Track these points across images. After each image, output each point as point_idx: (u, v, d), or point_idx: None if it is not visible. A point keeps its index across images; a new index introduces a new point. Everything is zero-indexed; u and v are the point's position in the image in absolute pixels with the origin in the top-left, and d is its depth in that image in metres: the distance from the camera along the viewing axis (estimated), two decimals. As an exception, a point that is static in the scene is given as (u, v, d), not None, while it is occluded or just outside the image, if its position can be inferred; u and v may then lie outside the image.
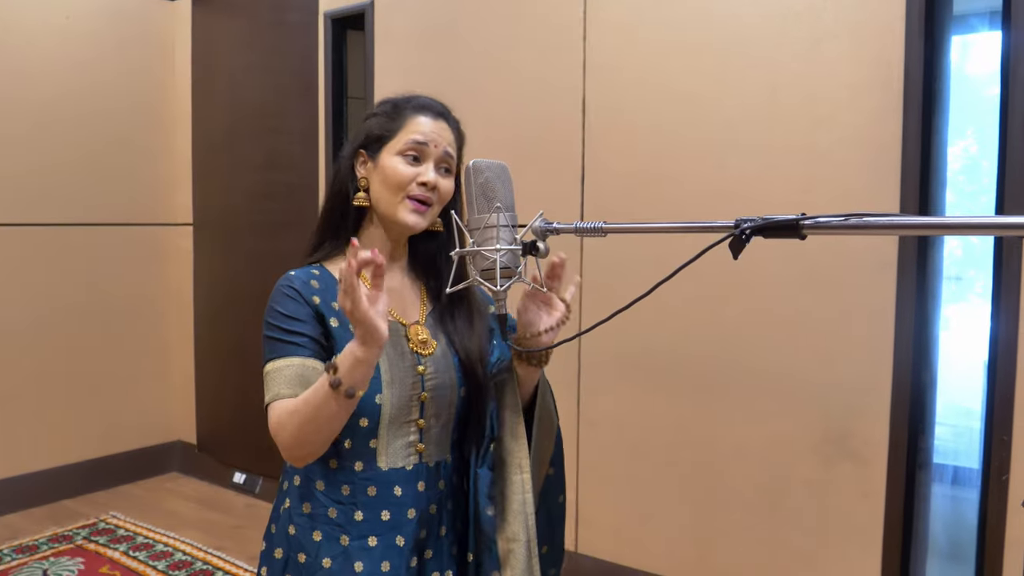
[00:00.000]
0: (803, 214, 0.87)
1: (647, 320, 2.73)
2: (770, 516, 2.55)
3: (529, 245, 1.11)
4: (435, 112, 1.34)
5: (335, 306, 1.29)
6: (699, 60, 2.60)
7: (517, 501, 1.32)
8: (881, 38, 2.29)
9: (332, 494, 1.29)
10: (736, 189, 2.55)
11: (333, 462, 1.29)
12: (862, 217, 0.84)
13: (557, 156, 2.91)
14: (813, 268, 2.44)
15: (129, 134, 4.12)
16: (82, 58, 3.90)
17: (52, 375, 3.84)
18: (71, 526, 3.53)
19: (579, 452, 2.93)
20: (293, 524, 1.31)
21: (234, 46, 4.03)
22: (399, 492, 1.29)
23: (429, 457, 1.33)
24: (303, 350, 1.24)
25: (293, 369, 1.23)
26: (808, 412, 2.47)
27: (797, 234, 0.87)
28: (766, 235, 0.89)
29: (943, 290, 3.37)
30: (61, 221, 3.87)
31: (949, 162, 2.60)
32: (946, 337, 3.63)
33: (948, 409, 3.39)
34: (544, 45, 2.94)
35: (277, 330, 1.26)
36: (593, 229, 1.06)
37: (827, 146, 2.39)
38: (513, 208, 1.16)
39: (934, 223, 0.81)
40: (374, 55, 3.43)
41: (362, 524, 1.27)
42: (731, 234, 0.89)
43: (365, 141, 1.34)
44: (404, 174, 1.29)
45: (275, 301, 1.28)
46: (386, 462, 1.29)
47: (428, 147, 1.30)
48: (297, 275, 1.31)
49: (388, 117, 1.33)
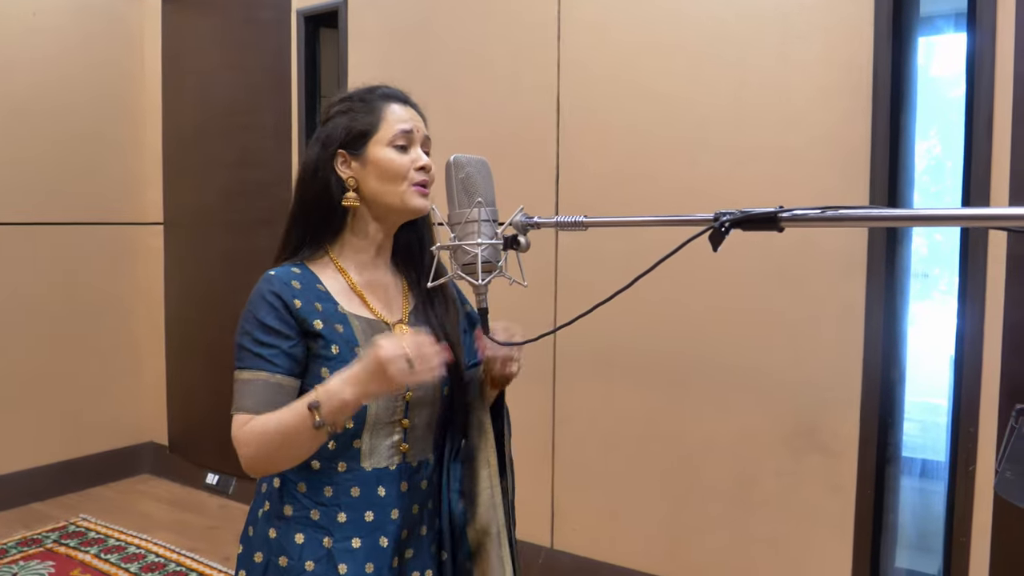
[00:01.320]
0: (781, 207, 0.89)
1: (621, 316, 2.75)
2: (742, 509, 2.58)
3: (510, 239, 1.12)
4: (402, 99, 1.36)
5: (318, 307, 1.28)
6: (672, 60, 2.63)
7: (486, 495, 1.34)
8: (850, 40, 2.34)
9: (314, 496, 1.28)
10: (709, 188, 2.58)
11: (315, 463, 1.28)
12: (837, 209, 0.86)
13: (532, 154, 2.93)
14: (784, 265, 2.48)
15: (98, 131, 4.06)
16: (49, 54, 3.84)
17: (21, 376, 3.78)
18: (41, 529, 3.48)
19: (554, 448, 2.95)
20: (273, 527, 1.30)
21: (205, 43, 4.00)
22: (383, 492, 1.29)
23: (412, 457, 1.33)
24: (273, 366, 1.23)
25: (260, 384, 1.22)
26: (779, 407, 2.51)
27: (775, 226, 0.89)
28: (745, 228, 0.91)
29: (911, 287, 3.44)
30: (29, 220, 3.81)
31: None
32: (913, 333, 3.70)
33: (915, 405, 3.46)
34: (519, 43, 2.96)
35: (250, 339, 1.24)
36: (574, 223, 1.07)
37: (798, 146, 2.43)
38: (494, 203, 1.18)
39: (907, 215, 0.84)
40: (348, 53, 3.42)
41: (345, 525, 1.27)
42: (710, 227, 0.91)
43: (345, 140, 1.32)
44: (402, 163, 1.30)
45: (254, 306, 1.26)
46: (370, 463, 1.29)
47: (413, 133, 1.32)
48: (278, 275, 1.29)
49: (361, 111, 1.32)
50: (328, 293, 1.30)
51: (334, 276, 1.33)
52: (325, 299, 1.29)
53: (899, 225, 0.84)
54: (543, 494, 2.99)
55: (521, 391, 3.00)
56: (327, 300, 1.29)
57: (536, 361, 2.95)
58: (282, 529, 1.29)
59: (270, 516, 1.31)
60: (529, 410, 2.99)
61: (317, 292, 1.29)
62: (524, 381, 2.95)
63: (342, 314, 1.29)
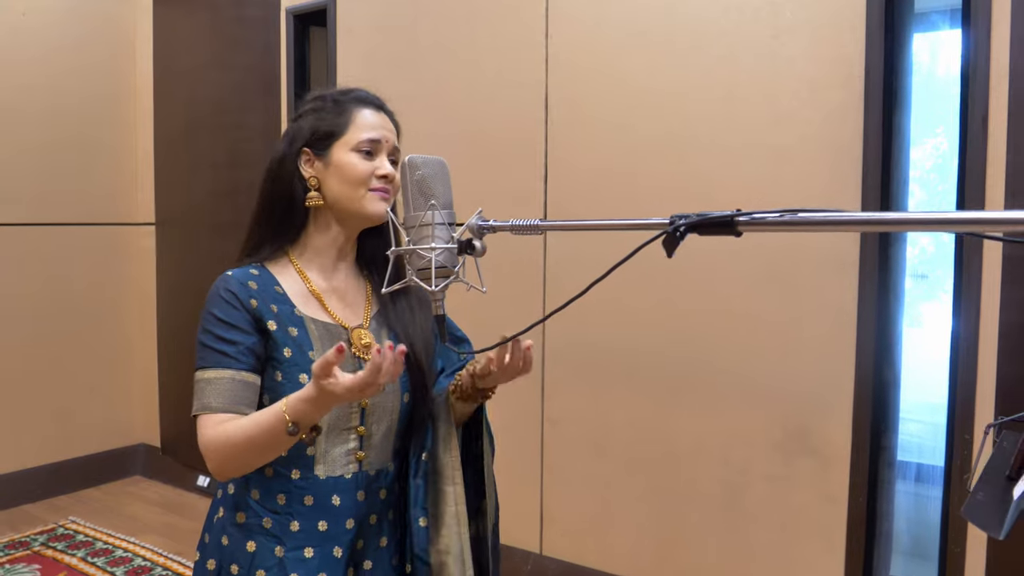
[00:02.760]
0: (738, 210, 0.84)
1: (609, 318, 2.71)
2: (731, 514, 2.53)
3: (464, 244, 1.07)
4: (376, 105, 1.33)
5: (274, 308, 1.24)
6: (661, 55, 2.58)
7: (449, 514, 1.30)
8: (841, 35, 2.28)
9: (267, 503, 1.25)
10: (697, 186, 2.53)
11: (269, 470, 1.25)
12: (796, 213, 0.81)
13: (520, 152, 2.88)
14: (774, 265, 2.42)
15: (89, 132, 4.03)
16: (39, 55, 3.81)
17: (11, 377, 3.75)
18: (29, 531, 3.45)
19: (543, 451, 2.90)
20: (226, 534, 1.27)
21: (195, 41, 3.96)
22: (337, 502, 1.25)
23: (370, 465, 1.29)
24: (236, 362, 1.20)
25: (225, 382, 1.19)
26: (770, 411, 2.46)
27: (732, 231, 0.84)
28: (701, 232, 0.86)
29: (911, 288, 3.37)
30: (20, 221, 3.78)
31: (921, 160, 2.59)
32: (917, 334, 3.63)
33: (920, 406, 3.39)
34: (507, 40, 2.91)
35: (211, 336, 1.21)
36: (529, 227, 1.02)
37: (787, 143, 2.38)
38: (451, 205, 1.13)
39: (870, 219, 0.79)
40: (336, 51, 3.38)
41: (298, 534, 1.23)
42: (664, 232, 0.85)
43: (311, 139, 1.30)
44: (364, 169, 1.27)
45: (212, 304, 1.24)
46: (324, 470, 1.25)
47: (380, 143, 1.29)
48: (235, 275, 1.27)
49: (332, 112, 1.30)
50: (285, 295, 1.27)
51: (293, 278, 1.30)
52: (282, 301, 1.26)
53: (862, 230, 0.79)
54: (532, 498, 2.94)
55: (510, 393, 2.96)
56: (284, 303, 1.26)
57: (525, 363, 2.90)
58: (234, 536, 1.26)
59: (224, 523, 1.28)
60: (517, 412, 2.95)
61: (274, 294, 1.26)
62: (512, 383, 2.92)
63: (298, 317, 1.26)
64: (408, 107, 3.13)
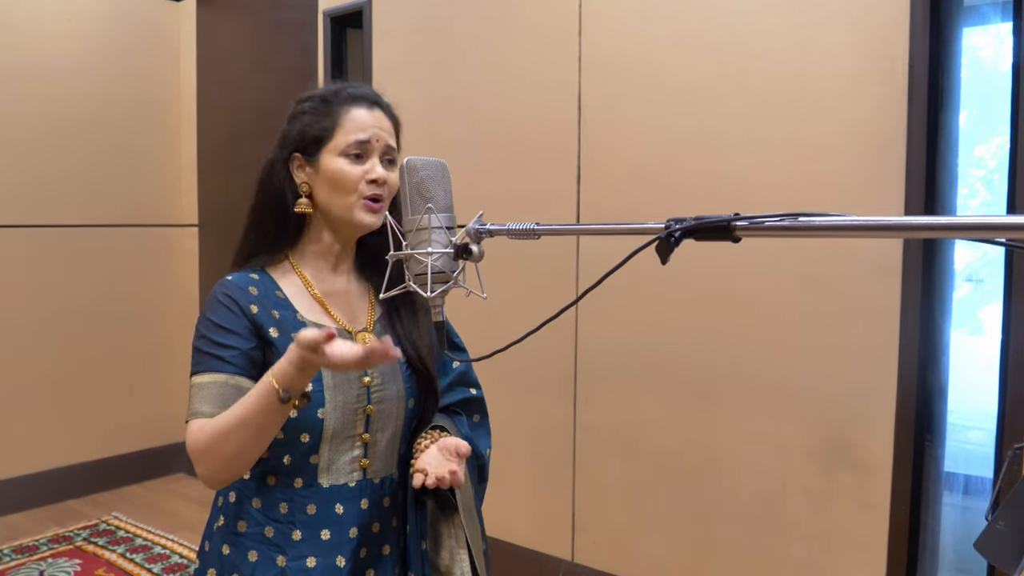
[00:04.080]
0: (736, 214, 0.79)
1: (642, 322, 2.65)
2: (768, 526, 2.45)
3: (461, 248, 1.03)
4: (369, 101, 1.27)
5: (275, 315, 1.22)
6: (696, 52, 2.51)
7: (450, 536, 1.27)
8: (883, 28, 2.19)
9: (269, 512, 1.22)
10: (732, 185, 2.45)
11: (271, 479, 1.23)
12: (796, 217, 0.75)
13: (553, 153, 2.84)
14: (813, 269, 2.34)
15: (135, 136, 4.11)
16: (88, 62, 3.90)
17: (58, 375, 3.85)
18: (72, 527, 3.53)
19: (575, 457, 2.86)
20: (227, 543, 1.24)
21: (236, 46, 4.01)
22: (340, 510, 1.22)
23: (374, 473, 1.26)
24: (230, 366, 1.17)
25: (216, 387, 1.16)
26: (808, 420, 2.37)
27: (730, 236, 0.79)
28: (697, 237, 0.81)
29: (968, 293, 3.23)
30: (68, 223, 3.88)
31: (985, 160, 2.48)
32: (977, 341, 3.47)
33: (981, 415, 3.24)
34: (540, 39, 2.87)
35: (207, 341, 1.19)
36: (525, 231, 0.98)
37: (826, 141, 2.29)
38: (451, 209, 1.09)
39: (883, 224, 0.73)
40: (372, 53, 3.38)
41: (300, 544, 1.21)
42: (657, 237, 0.81)
43: (300, 143, 1.26)
44: (352, 176, 1.22)
45: (209, 309, 1.21)
46: (327, 479, 1.22)
47: (370, 143, 1.24)
48: (235, 280, 1.24)
49: (321, 114, 1.26)
50: (287, 300, 1.25)
51: (294, 283, 1.28)
52: (284, 307, 1.24)
53: (866, 235, 0.73)
54: (564, 505, 2.89)
55: (542, 398, 2.92)
56: (286, 308, 1.24)
57: (557, 368, 2.86)
58: (236, 546, 1.24)
59: (224, 532, 1.26)
60: (550, 417, 2.90)
61: (275, 299, 1.24)
62: (545, 389, 2.88)
63: (301, 322, 1.23)
64: (443, 109, 3.14)
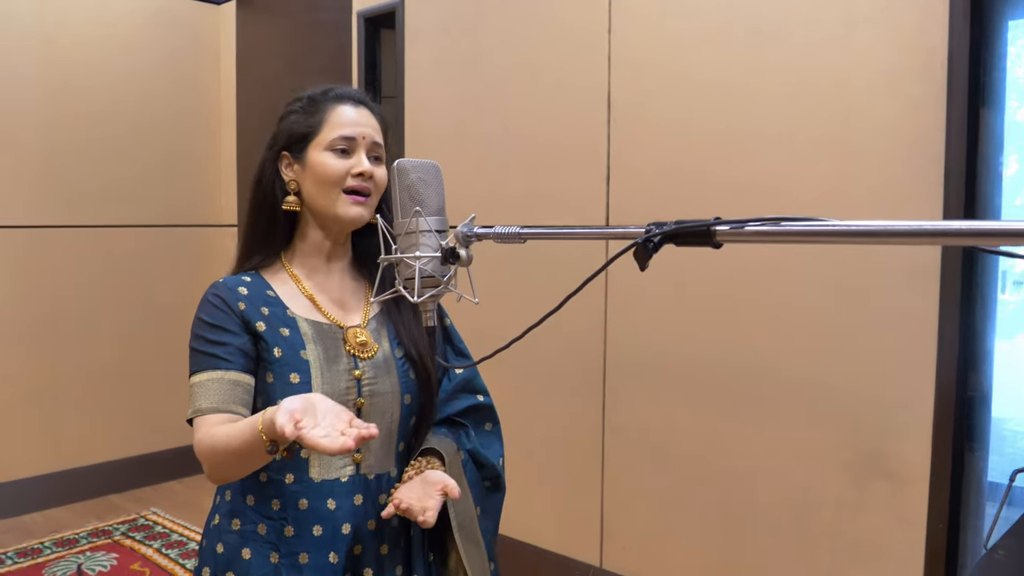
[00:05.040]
0: (717, 218, 0.75)
1: (672, 325, 2.59)
2: (799, 537, 2.37)
3: (448, 252, 1.01)
4: (355, 100, 1.28)
5: (264, 311, 1.23)
6: (727, 49, 2.45)
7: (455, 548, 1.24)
8: (921, 22, 2.10)
9: (262, 509, 1.23)
10: (764, 185, 2.39)
11: (263, 475, 1.23)
12: (778, 222, 0.71)
13: (582, 153, 2.80)
14: (848, 272, 2.26)
15: (177, 138, 4.19)
16: (132, 65, 3.99)
17: (101, 373, 3.93)
18: (112, 521, 3.60)
19: (604, 460, 2.81)
20: (221, 542, 1.25)
21: (274, 47, 4.05)
22: (332, 506, 1.22)
23: (369, 469, 1.25)
24: (226, 363, 1.18)
25: (213, 384, 1.17)
26: (841, 428, 2.29)
27: (710, 242, 0.75)
28: (677, 243, 0.78)
29: (1014, 297, 3.11)
30: (112, 223, 3.96)
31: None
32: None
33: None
34: (569, 37, 2.83)
35: (202, 341, 1.21)
36: (512, 235, 0.96)
37: (860, 140, 2.21)
38: (443, 212, 1.07)
39: (863, 229, 0.68)
40: (404, 53, 3.38)
41: (292, 540, 1.21)
42: (634, 243, 0.77)
43: (287, 142, 1.28)
44: (337, 169, 1.23)
45: (201, 311, 1.23)
46: (319, 473, 1.22)
47: (356, 140, 1.24)
48: (225, 282, 1.27)
49: (307, 113, 1.27)
50: (277, 298, 1.26)
51: (285, 282, 1.29)
52: (273, 304, 1.25)
53: (852, 242, 0.68)
54: (592, 509, 2.85)
55: (570, 400, 2.89)
56: (275, 305, 1.25)
57: (585, 370, 2.82)
58: (230, 544, 1.24)
59: (219, 530, 1.27)
60: (578, 420, 2.86)
61: (265, 298, 1.25)
62: (573, 390, 2.84)
63: (290, 318, 1.24)
64: (473, 108, 3.13)
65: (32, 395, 3.74)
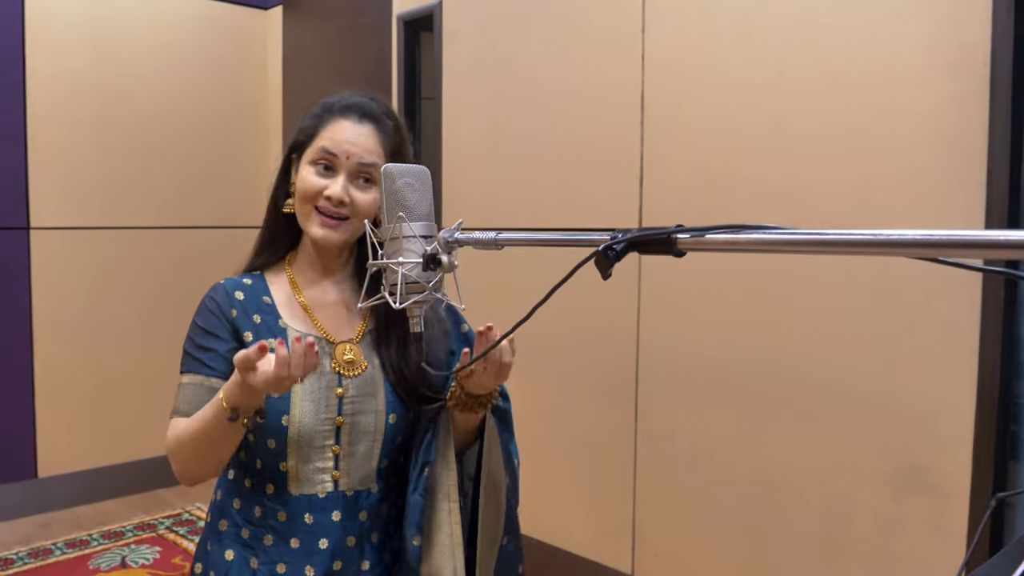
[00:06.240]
0: (679, 225, 0.72)
1: (709, 330, 2.54)
2: (833, 549, 2.30)
3: (429, 258, 1.00)
4: (360, 114, 1.25)
5: (256, 319, 1.24)
6: (762, 48, 2.39)
7: (444, 532, 1.23)
8: (961, 15, 2.01)
9: (246, 514, 1.25)
10: (799, 186, 2.32)
11: (248, 482, 1.25)
12: (740, 231, 0.68)
13: (615, 154, 2.76)
14: (886, 279, 2.18)
15: (225, 142, 4.29)
16: (182, 70, 4.10)
17: (152, 370, 4.04)
18: (157, 515, 3.70)
19: (636, 465, 2.77)
20: (210, 541, 1.28)
21: (318, 52, 4.11)
22: (310, 520, 1.22)
23: (347, 486, 1.24)
24: (208, 369, 1.21)
25: (192, 388, 1.21)
26: (878, 438, 2.21)
27: (672, 250, 0.73)
28: (642, 251, 0.75)
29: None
30: (164, 224, 4.08)
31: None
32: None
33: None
34: (602, 37, 2.80)
35: (190, 343, 1.25)
36: (488, 241, 0.94)
37: (897, 139, 2.13)
38: (430, 217, 1.06)
39: (835, 239, 0.65)
40: (442, 55, 3.39)
41: (271, 549, 1.22)
42: (594, 252, 0.75)
43: (295, 145, 1.29)
44: (312, 186, 1.22)
45: (197, 313, 1.27)
46: (296, 488, 1.22)
47: (339, 159, 1.22)
48: (224, 285, 1.28)
49: (313, 119, 1.27)
50: (273, 306, 1.26)
51: (283, 288, 1.29)
52: (267, 312, 1.25)
53: (816, 251, 0.64)
54: (624, 515, 2.81)
55: (602, 404, 2.85)
56: (269, 313, 1.25)
57: (618, 375, 2.79)
58: (216, 544, 1.26)
59: (209, 529, 1.29)
60: (611, 425, 2.83)
61: (260, 304, 1.25)
62: (605, 394, 2.81)
63: (281, 328, 1.25)
64: (507, 109, 3.12)
65: (86, 391, 3.87)
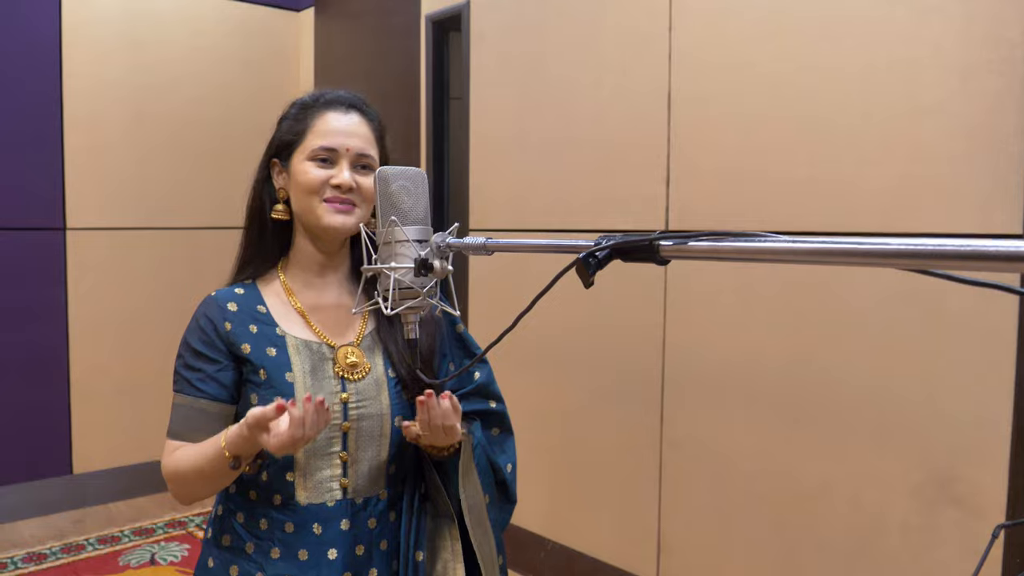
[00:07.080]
0: (661, 231, 0.69)
1: (735, 336, 2.48)
2: (862, 562, 2.23)
3: (420, 264, 0.98)
4: (345, 106, 1.25)
5: (252, 329, 1.22)
6: (791, 46, 2.32)
7: (446, 548, 1.21)
8: (999, 11, 1.93)
9: (251, 528, 1.22)
10: (830, 187, 2.25)
11: (253, 494, 1.22)
12: (722, 239, 0.65)
13: (641, 153, 2.72)
14: (920, 280, 2.10)
15: (257, 143, 4.30)
16: (215, 72, 4.15)
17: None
18: (188, 513, 3.74)
19: (661, 474, 2.72)
20: (211, 556, 1.25)
21: (349, 52, 4.12)
22: (319, 530, 1.19)
23: (356, 493, 1.22)
24: (197, 392, 1.20)
25: (184, 410, 1.20)
26: (909, 449, 2.14)
27: (655, 258, 0.69)
28: (625, 258, 0.72)
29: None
30: (196, 225, 4.13)
31: None
32: None
33: None
34: (630, 35, 2.76)
35: (181, 362, 1.23)
36: (479, 246, 0.92)
37: (932, 140, 2.06)
38: (425, 221, 1.04)
39: (815, 249, 0.61)
40: (469, 55, 3.37)
41: (278, 562, 1.19)
42: (576, 260, 0.72)
43: (276, 149, 1.27)
44: (316, 177, 1.21)
45: (188, 331, 1.24)
46: (305, 497, 1.20)
47: (338, 152, 1.21)
48: (216, 297, 1.26)
49: (297, 119, 1.26)
50: (268, 314, 1.24)
51: (278, 295, 1.27)
52: (263, 321, 1.23)
53: (800, 260, 0.60)
54: (649, 523, 2.77)
55: (628, 413, 2.81)
56: (265, 322, 1.23)
57: (643, 382, 2.74)
58: (219, 559, 1.24)
59: (211, 544, 1.27)
60: (636, 433, 2.78)
61: (255, 314, 1.23)
62: (630, 400, 2.76)
63: (279, 336, 1.22)
64: (533, 109, 3.09)
65: (121, 389, 3.92)
